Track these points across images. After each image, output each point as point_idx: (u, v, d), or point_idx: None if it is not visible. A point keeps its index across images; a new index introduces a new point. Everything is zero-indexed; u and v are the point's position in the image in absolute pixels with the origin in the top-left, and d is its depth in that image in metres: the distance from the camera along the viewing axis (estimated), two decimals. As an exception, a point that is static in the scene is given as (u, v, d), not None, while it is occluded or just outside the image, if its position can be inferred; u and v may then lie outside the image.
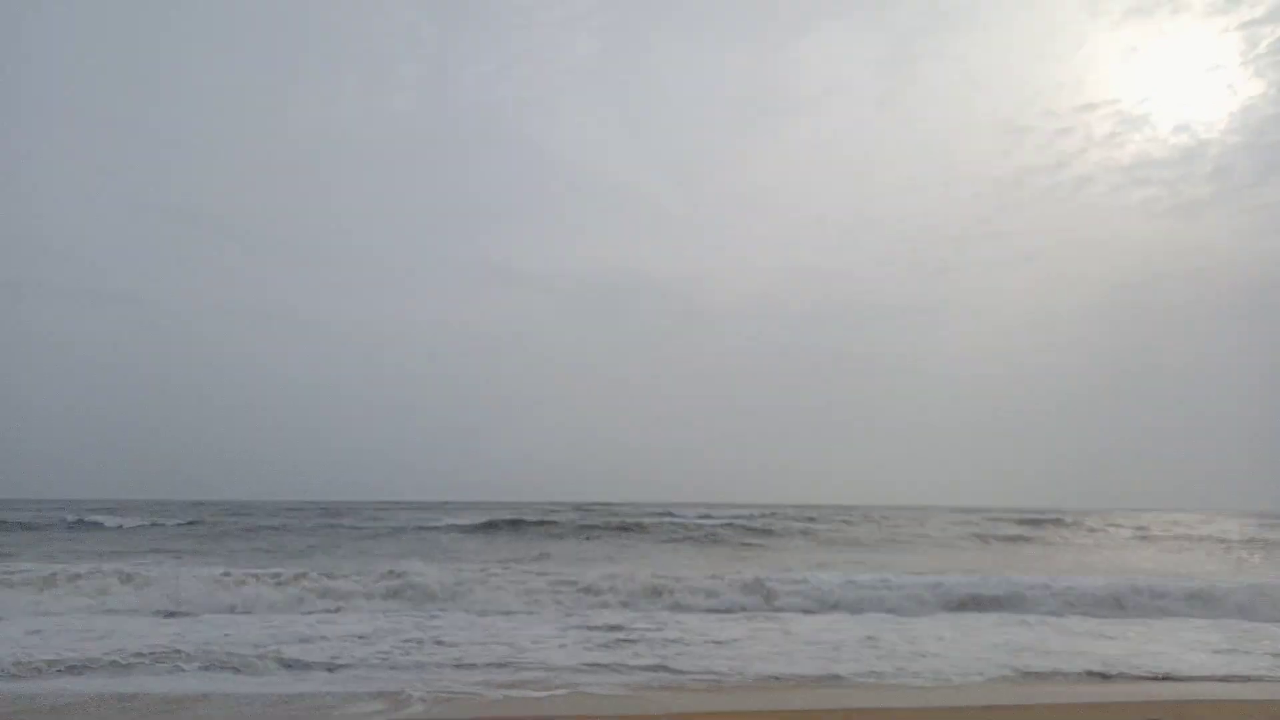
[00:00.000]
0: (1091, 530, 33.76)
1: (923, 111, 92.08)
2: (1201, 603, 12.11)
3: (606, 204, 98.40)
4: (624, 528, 28.33)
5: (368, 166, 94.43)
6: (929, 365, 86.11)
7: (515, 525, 29.46)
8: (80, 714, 6.30)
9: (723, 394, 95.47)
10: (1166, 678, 7.97)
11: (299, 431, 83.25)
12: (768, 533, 27.88)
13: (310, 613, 11.01)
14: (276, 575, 12.57)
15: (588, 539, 25.76)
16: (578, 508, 44.73)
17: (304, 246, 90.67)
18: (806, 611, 11.54)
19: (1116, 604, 12.15)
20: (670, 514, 37.67)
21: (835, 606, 11.82)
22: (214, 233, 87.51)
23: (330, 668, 7.89)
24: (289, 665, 7.98)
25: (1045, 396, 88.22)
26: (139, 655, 8.07)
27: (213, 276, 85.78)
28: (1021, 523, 35.36)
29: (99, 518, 30.85)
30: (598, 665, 8.09)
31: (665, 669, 7.97)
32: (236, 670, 7.76)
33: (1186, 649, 9.38)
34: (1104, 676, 8.03)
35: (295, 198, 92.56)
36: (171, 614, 10.74)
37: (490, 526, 28.93)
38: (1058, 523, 35.94)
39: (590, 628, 9.94)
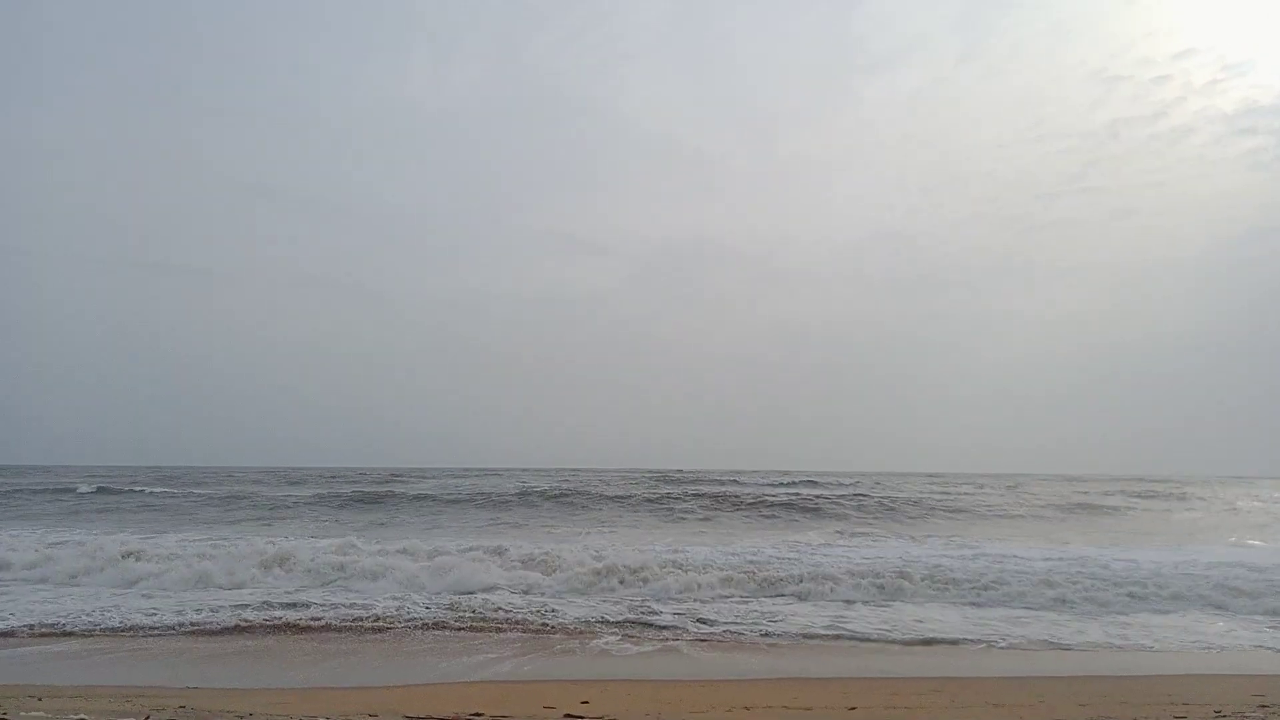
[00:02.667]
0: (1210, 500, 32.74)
1: (1007, 65, 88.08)
2: None
3: (679, 169, 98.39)
4: (795, 503, 27.40)
5: (437, 137, 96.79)
6: (1015, 329, 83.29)
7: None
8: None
9: (801, 361, 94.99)
10: None
11: (368, 401, 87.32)
12: (954, 508, 27.01)
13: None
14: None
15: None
16: (690, 479, 44.37)
17: (374, 218, 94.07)
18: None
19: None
20: (836, 484, 37.68)
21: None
22: (284, 206, 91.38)
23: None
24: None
25: (1141, 360, 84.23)
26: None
27: (282, 249, 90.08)
28: (1140, 495, 34.39)
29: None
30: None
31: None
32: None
33: None
34: None
35: (366, 170, 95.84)
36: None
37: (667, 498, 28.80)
38: (1179, 494, 34.87)
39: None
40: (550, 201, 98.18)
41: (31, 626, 9.33)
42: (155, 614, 10.00)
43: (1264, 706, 5.75)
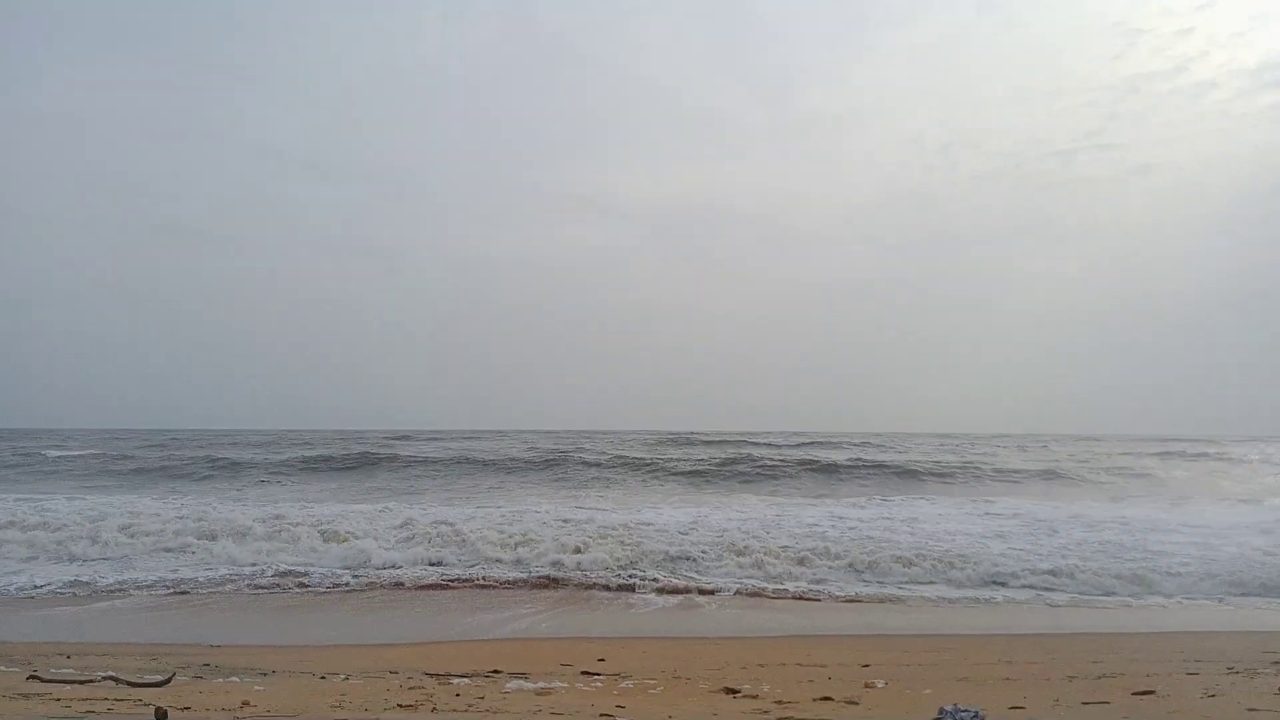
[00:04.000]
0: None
1: (1026, 16, 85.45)
2: None
3: (691, 128, 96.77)
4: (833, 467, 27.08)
5: (448, 98, 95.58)
6: (1034, 287, 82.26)
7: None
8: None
9: (813, 321, 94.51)
10: None
11: (380, 363, 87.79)
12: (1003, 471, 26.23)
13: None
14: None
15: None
16: (677, 438, 44.74)
17: (386, 179, 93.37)
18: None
19: None
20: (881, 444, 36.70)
21: None
22: (293, 167, 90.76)
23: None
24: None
25: (1162, 318, 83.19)
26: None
27: (293, 211, 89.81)
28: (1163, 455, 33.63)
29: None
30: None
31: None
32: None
33: None
34: None
35: (378, 131, 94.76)
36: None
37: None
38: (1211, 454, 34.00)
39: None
40: (561, 162, 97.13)
41: None
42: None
43: (1277, 663, 5.75)
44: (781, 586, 9.97)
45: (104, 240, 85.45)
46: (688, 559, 11.21)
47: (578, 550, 11.33)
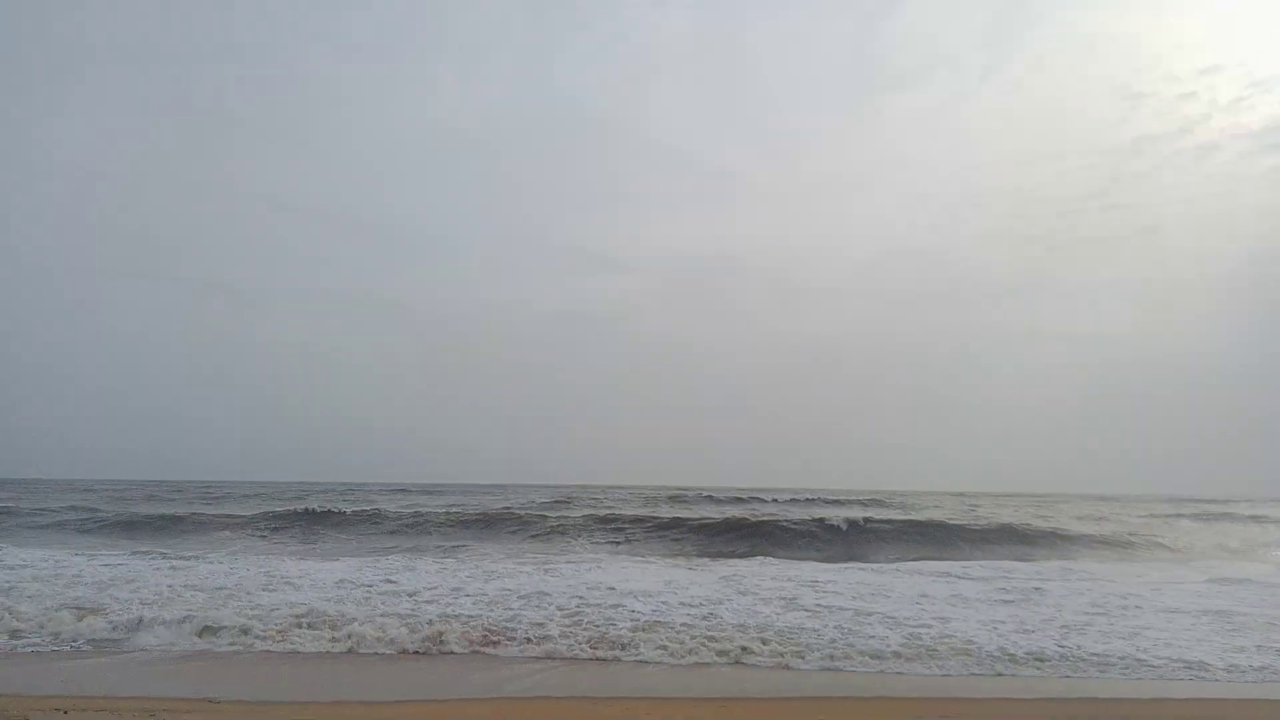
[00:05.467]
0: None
1: (1030, 81, 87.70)
2: None
3: (701, 185, 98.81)
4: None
5: (463, 154, 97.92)
6: (1038, 346, 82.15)
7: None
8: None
9: (822, 376, 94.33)
10: None
11: (392, 416, 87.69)
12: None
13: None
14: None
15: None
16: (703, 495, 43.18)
17: (399, 234, 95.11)
18: None
19: None
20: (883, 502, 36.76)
21: None
22: (310, 222, 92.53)
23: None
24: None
25: (1167, 379, 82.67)
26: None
27: (307, 265, 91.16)
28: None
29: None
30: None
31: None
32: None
33: None
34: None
35: (391, 186, 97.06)
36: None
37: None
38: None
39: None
40: (574, 217, 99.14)
41: None
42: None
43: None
44: None
45: (113, 290, 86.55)
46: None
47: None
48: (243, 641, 8.92)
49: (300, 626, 9.35)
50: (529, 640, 8.95)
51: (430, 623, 9.48)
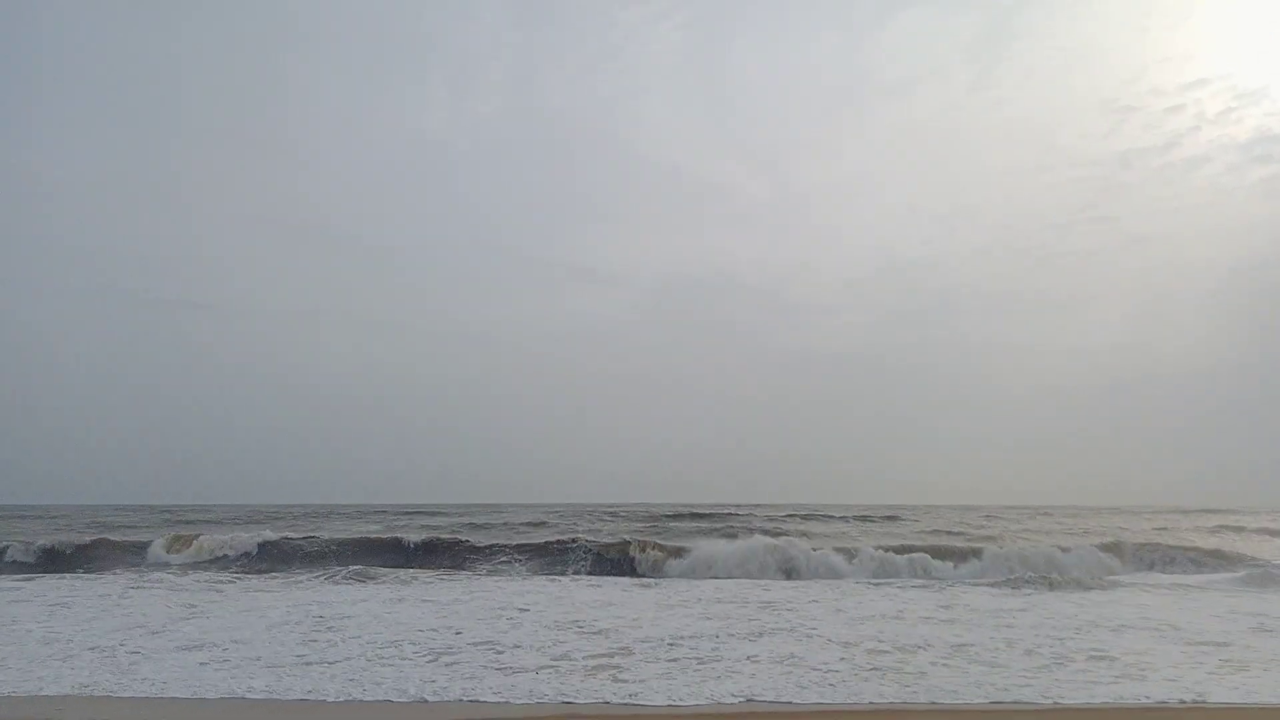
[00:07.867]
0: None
1: (1018, 93, 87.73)
2: None
3: (691, 200, 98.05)
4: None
5: (450, 170, 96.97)
6: (1029, 359, 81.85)
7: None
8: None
9: (814, 391, 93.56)
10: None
11: (375, 436, 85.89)
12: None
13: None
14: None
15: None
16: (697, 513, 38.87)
17: (384, 250, 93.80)
18: None
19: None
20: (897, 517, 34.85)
21: None
22: (292, 238, 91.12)
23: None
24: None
25: (1157, 391, 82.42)
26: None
27: (289, 282, 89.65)
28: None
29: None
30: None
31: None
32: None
33: None
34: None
35: (376, 202, 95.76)
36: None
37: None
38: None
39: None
40: (562, 234, 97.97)
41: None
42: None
43: None
44: None
45: (82, 310, 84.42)
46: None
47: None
48: None
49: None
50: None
51: None
